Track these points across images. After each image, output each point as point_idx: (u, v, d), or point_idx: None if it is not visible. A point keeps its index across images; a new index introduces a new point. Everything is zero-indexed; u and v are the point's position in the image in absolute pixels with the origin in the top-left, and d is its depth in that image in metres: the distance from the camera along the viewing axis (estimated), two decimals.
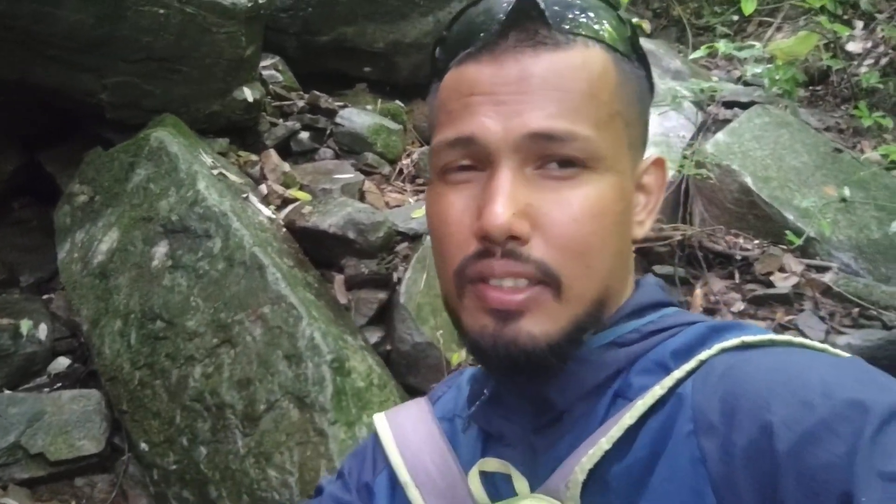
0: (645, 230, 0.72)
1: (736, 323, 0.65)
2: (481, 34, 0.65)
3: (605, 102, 0.64)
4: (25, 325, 2.60)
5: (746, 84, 3.85)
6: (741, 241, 3.15)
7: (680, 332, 0.66)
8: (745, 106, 3.57)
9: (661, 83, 3.52)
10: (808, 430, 0.51)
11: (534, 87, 0.62)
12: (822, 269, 3.02)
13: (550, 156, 0.63)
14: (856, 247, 3.11)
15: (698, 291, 3.02)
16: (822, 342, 2.68)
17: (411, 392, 2.61)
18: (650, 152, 0.76)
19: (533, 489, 0.66)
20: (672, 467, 0.57)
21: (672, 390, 0.60)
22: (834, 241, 3.13)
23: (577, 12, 0.66)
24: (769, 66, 3.66)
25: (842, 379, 0.54)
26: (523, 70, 0.63)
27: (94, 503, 2.40)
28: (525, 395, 0.69)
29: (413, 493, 0.74)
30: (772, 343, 0.61)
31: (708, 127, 3.53)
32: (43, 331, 2.66)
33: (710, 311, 2.96)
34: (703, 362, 0.60)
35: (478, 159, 0.65)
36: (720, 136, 3.38)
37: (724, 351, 0.61)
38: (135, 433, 2.40)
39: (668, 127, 3.46)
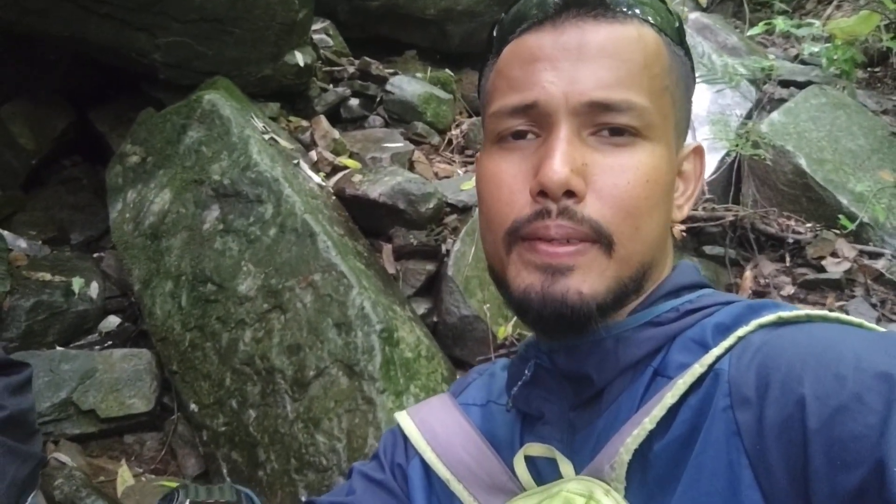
0: (683, 214, 0.75)
1: (772, 302, 0.66)
2: (542, 8, 0.68)
3: (658, 76, 0.68)
4: (77, 283, 2.62)
5: (803, 63, 3.76)
6: (793, 223, 3.10)
7: (718, 311, 0.67)
8: (801, 85, 3.49)
9: (718, 59, 3.44)
10: (839, 403, 0.51)
11: (593, 54, 0.65)
12: (876, 256, 2.97)
13: (607, 123, 0.65)
14: None
15: (748, 274, 2.98)
16: None
17: (458, 364, 2.61)
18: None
19: (576, 467, 0.66)
20: (710, 441, 0.58)
21: (711, 367, 0.61)
22: (888, 227, 3.07)
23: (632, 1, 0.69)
24: (827, 45, 3.57)
25: (875, 352, 0.53)
26: (583, 37, 0.66)
27: (144, 461, 2.43)
28: (564, 374, 0.70)
29: (457, 486, 0.76)
30: (808, 318, 0.61)
31: (763, 105, 3.45)
32: (94, 289, 2.68)
33: (759, 293, 2.93)
34: (740, 338, 0.61)
35: (537, 124, 0.67)
36: (775, 115, 3.31)
37: (761, 327, 0.62)
38: (185, 394, 2.42)
39: (723, 104, 3.39)
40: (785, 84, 3.50)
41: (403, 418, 0.84)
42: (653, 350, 0.67)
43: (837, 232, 3.02)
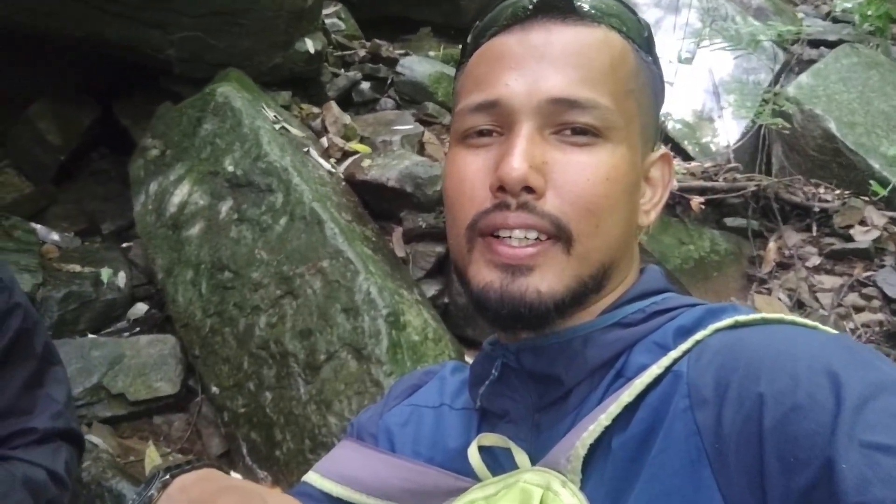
0: (650, 220, 0.75)
1: (731, 306, 0.67)
2: (513, 13, 0.70)
3: (623, 79, 0.68)
4: (105, 274, 2.75)
5: (835, 21, 3.60)
6: (821, 191, 2.99)
7: (680, 314, 0.68)
8: (832, 45, 3.34)
9: (742, 22, 3.32)
10: (794, 402, 0.52)
11: (559, 53, 0.66)
12: None
13: (569, 122, 0.66)
14: None
15: (772, 245, 2.90)
16: None
17: (470, 344, 2.64)
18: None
19: (534, 464, 0.67)
20: (670, 441, 0.59)
21: (668, 369, 0.62)
22: None
23: (601, 7, 0.70)
24: (860, 0, 3.40)
25: (829, 354, 0.55)
26: (549, 37, 0.67)
27: (172, 440, 2.55)
28: (531, 374, 0.71)
29: None
30: (764, 321, 0.63)
31: (791, 67, 3.33)
32: (122, 278, 2.80)
33: (784, 265, 2.85)
34: (698, 342, 0.63)
35: (500, 122, 0.68)
36: (804, 77, 3.19)
37: (717, 331, 0.63)
38: (207, 377, 2.53)
39: (747, 68, 3.28)
40: (814, 44, 3.36)
41: (323, 482, 0.80)
42: (620, 351, 0.68)
43: (867, 199, 2.90)
